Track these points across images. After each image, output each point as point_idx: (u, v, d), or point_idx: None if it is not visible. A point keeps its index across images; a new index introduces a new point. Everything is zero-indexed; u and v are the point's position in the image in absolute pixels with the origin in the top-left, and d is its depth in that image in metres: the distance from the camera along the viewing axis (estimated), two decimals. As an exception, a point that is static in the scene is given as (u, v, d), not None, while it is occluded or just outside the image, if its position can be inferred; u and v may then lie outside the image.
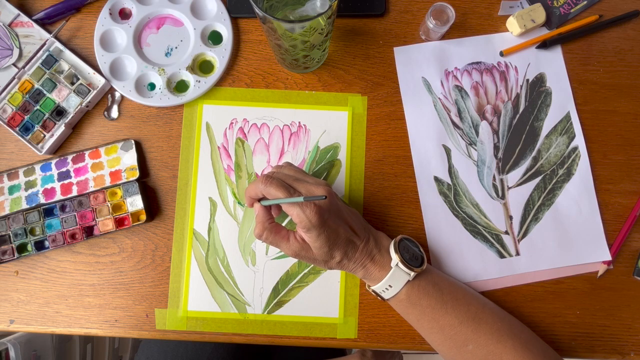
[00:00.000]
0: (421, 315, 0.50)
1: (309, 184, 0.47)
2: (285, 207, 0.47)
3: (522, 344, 0.48)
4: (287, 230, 0.49)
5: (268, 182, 0.46)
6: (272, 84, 0.59)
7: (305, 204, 0.45)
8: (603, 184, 0.58)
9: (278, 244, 0.49)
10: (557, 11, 0.61)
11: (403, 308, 0.51)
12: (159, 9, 0.59)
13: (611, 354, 0.54)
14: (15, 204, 0.56)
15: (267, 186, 0.46)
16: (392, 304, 0.51)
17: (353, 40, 0.60)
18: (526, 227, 0.56)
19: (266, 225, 0.49)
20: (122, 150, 0.57)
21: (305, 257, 0.49)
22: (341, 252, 0.48)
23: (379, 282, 0.49)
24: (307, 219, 0.45)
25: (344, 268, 0.50)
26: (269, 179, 0.46)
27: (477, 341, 0.48)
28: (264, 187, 0.46)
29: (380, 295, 0.50)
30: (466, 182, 0.57)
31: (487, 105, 0.59)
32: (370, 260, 0.49)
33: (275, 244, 0.49)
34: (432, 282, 0.50)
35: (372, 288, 0.51)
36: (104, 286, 0.55)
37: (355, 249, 0.49)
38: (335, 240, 0.47)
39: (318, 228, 0.45)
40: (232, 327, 0.54)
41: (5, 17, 0.59)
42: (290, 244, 0.48)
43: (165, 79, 0.58)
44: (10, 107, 0.57)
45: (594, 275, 0.56)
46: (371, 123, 0.59)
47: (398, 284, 0.49)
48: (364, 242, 0.50)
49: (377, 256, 0.50)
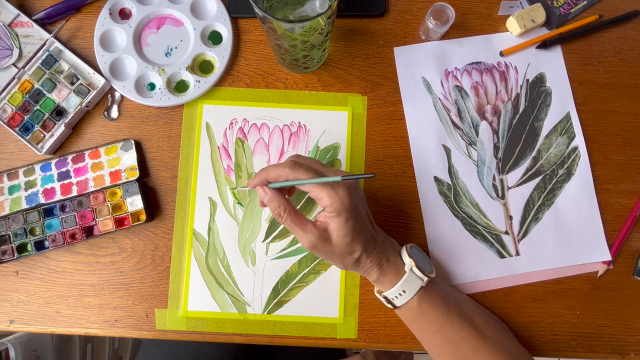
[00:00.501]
0: (427, 326, 0.49)
1: (335, 170, 0.46)
2: (314, 192, 0.44)
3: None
4: (306, 218, 0.46)
5: (296, 167, 0.43)
6: (272, 84, 0.59)
7: (338, 185, 0.42)
8: (603, 184, 0.58)
9: (295, 229, 0.45)
10: (557, 11, 0.61)
11: (412, 316, 0.49)
12: (159, 9, 0.59)
13: (611, 354, 0.54)
14: (15, 204, 0.56)
15: (295, 171, 0.43)
16: (400, 311, 0.50)
17: (353, 40, 0.60)
18: (526, 227, 0.56)
19: (286, 206, 0.45)
20: (122, 150, 0.57)
21: (322, 249, 0.45)
22: (362, 246, 0.45)
23: (392, 286, 0.48)
24: (340, 200, 0.42)
25: (359, 267, 0.48)
26: (296, 164, 0.44)
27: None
28: (290, 171, 0.43)
29: (392, 302, 0.49)
30: (466, 182, 0.57)
31: (487, 105, 0.59)
32: (386, 260, 0.48)
33: (292, 228, 0.45)
34: (441, 292, 0.49)
35: (384, 294, 0.49)
36: (104, 286, 0.55)
37: (375, 245, 0.47)
38: (360, 231, 0.45)
39: (348, 211, 0.43)
40: (232, 327, 0.54)
41: (5, 17, 0.59)
42: (309, 231, 0.45)
43: (165, 79, 0.58)
44: (10, 107, 0.57)
45: (594, 275, 0.56)
46: (371, 123, 0.59)
47: (411, 290, 0.47)
48: (381, 240, 0.48)
49: (392, 257, 0.48)
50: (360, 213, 0.46)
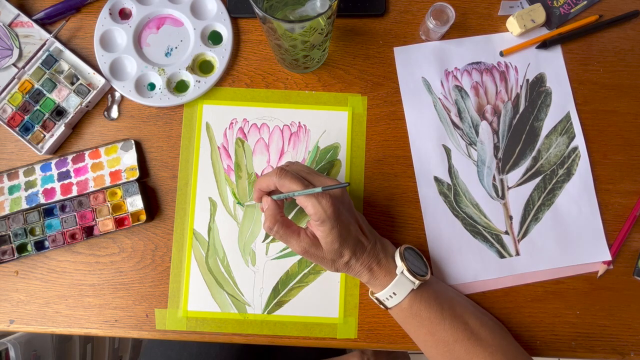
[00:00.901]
0: (419, 327, 0.50)
1: (323, 178, 0.47)
2: (300, 200, 0.46)
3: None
4: (298, 226, 0.49)
5: (282, 174, 0.46)
6: (272, 84, 0.59)
7: (322, 195, 0.45)
8: (603, 184, 0.58)
9: (288, 239, 0.48)
10: (557, 11, 0.61)
11: (403, 317, 0.50)
12: (159, 9, 0.59)
13: (611, 354, 0.54)
14: (15, 204, 0.56)
15: (282, 178, 0.45)
16: (392, 312, 0.51)
17: (353, 40, 0.60)
18: (526, 227, 0.56)
19: (277, 218, 0.47)
20: (122, 150, 0.57)
21: (314, 254, 0.48)
22: (350, 251, 0.47)
23: (383, 288, 0.49)
24: (323, 210, 0.44)
25: (350, 270, 0.49)
26: (283, 171, 0.46)
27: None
28: (277, 179, 0.46)
29: (383, 303, 0.50)
30: (466, 182, 0.57)
31: (487, 105, 0.59)
32: (376, 263, 0.49)
33: (284, 239, 0.48)
34: (434, 294, 0.50)
35: (375, 295, 0.50)
36: (104, 286, 0.55)
37: (364, 249, 0.49)
38: (346, 238, 0.47)
39: (332, 220, 0.45)
40: (232, 327, 0.54)
41: (5, 17, 0.59)
42: (301, 239, 0.47)
43: (165, 79, 0.58)
44: (10, 107, 0.57)
45: (594, 275, 0.56)
46: (371, 123, 0.59)
47: (402, 292, 0.48)
48: (372, 244, 0.49)
49: (384, 260, 0.49)
50: (346, 220, 0.47)
